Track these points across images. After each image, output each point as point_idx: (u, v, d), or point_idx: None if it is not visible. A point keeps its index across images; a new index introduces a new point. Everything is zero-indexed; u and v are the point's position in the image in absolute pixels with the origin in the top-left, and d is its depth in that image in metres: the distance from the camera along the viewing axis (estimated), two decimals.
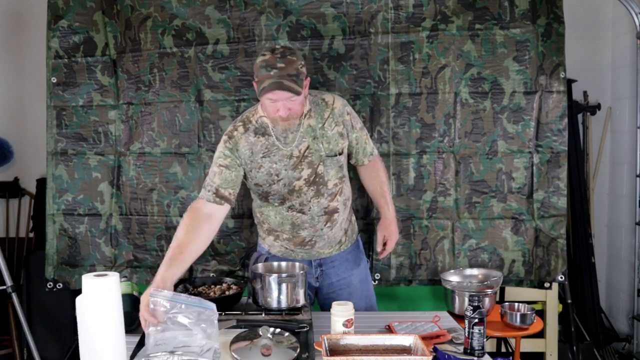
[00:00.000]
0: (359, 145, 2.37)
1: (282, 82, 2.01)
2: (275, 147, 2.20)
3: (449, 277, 2.68)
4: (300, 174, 2.21)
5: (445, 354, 1.81)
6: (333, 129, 2.24)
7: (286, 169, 2.21)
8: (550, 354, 3.42)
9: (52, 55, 2.87)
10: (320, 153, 2.22)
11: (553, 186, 2.77)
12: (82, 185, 2.90)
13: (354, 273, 2.45)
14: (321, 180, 2.24)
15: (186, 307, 1.80)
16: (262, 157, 2.20)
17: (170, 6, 2.80)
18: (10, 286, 3.03)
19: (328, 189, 2.26)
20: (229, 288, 2.33)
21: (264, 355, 1.74)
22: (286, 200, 2.26)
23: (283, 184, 2.22)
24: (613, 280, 4.10)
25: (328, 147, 2.23)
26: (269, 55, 2.06)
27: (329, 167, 2.25)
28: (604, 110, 4.09)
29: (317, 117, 2.23)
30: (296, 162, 2.21)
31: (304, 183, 2.23)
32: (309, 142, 2.21)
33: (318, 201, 2.26)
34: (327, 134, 2.23)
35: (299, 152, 2.21)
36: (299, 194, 2.24)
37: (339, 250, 2.43)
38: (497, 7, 2.74)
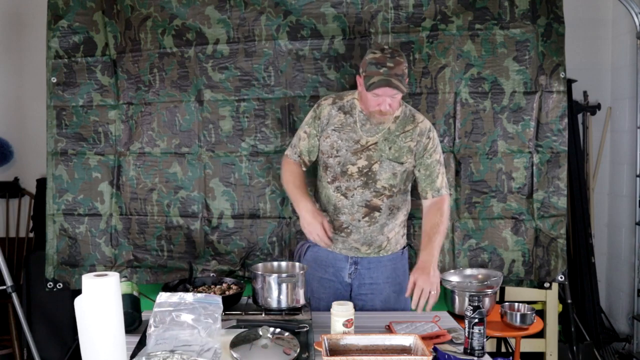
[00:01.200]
0: (427, 173, 2.37)
1: (391, 80, 2.15)
2: (350, 128, 2.34)
3: (449, 277, 2.68)
4: (357, 161, 2.34)
5: (445, 354, 1.81)
6: (407, 141, 2.34)
7: (347, 149, 2.34)
8: (550, 354, 3.42)
9: (52, 55, 2.87)
10: (382, 153, 2.33)
11: (553, 186, 2.77)
12: (82, 185, 2.90)
13: (389, 282, 2.44)
14: (372, 176, 2.34)
15: (191, 302, 1.80)
16: (333, 129, 2.36)
17: (170, 6, 2.80)
18: (10, 286, 3.03)
19: (376, 186, 2.35)
20: (229, 288, 2.33)
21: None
22: (336, 180, 2.37)
23: (338, 162, 2.35)
24: (613, 280, 4.10)
25: (392, 153, 2.33)
26: (379, 54, 2.20)
27: (384, 169, 2.34)
28: (604, 110, 4.09)
29: (400, 125, 2.35)
30: (358, 149, 2.33)
31: (356, 170, 2.34)
32: (378, 140, 2.33)
33: (362, 192, 2.34)
34: (399, 143, 2.34)
35: (365, 143, 2.33)
36: (348, 179, 2.35)
37: (378, 254, 2.43)
38: (497, 7, 2.74)
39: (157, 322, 1.77)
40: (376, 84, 2.16)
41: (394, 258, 2.47)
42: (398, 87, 2.16)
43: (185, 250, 2.89)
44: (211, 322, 1.77)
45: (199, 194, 2.87)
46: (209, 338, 1.74)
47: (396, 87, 2.16)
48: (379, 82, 2.15)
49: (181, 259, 2.89)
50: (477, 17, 2.75)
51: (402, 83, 2.18)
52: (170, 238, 2.89)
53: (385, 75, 2.15)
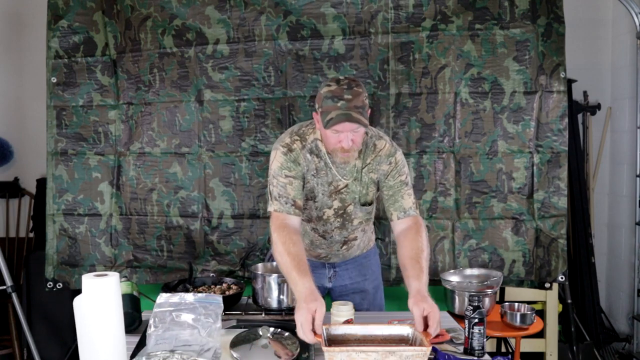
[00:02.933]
0: (390, 193, 2.14)
1: (351, 114, 1.93)
2: (323, 172, 2.15)
3: (449, 277, 2.68)
4: (332, 203, 2.19)
5: (445, 354, 1.81)
6: (369, 175, 2.17)
7: (323, 193, 2.18)
8: (550, 354, 3.41)
9: (52, 55, 2.87)
10: (354, 196, 2.18)
11: (553, 186, 2.77)
12: (82, 185, 2.90)
13: (367, 278, 2.44)
14: (347, 217, 2.23)
15: (192, 302, 1.80)
16: (312, 175, 2.15)
17: (170, 6, 2.80)
18: (10, 286, 3.03)
19: (353, 225, 2.26)
20: (229, 288, 2.34)
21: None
22: (311, 222, 2.24)
23: (316, 207, 2.20)
24: (613, 280, 4.10)
25: (362, 194, 2.19)
26: (334, 86, 1.98)
27: (358, 210, 2.22)
28: (604, 110, 4.09)
29: (363, 159, 2.16)
30: (332, 191, 2.18)
31: (332, 213, 2.21)
32: (348, 182, 2.17)
33: (340, 232, 2.26)
34: (365, 179, 2.17)
35: (337, 186, 2.17)
36: (325, 223, 2.22)
37: (352, 256, 2.43)
38: (497, 7, 2.74)
39: (157, 322, 1.77)
40: (334, 119, 1.93)
41: (368, 255, 2.47)
42: (359, 120, 1.94)
43: (185, 250, 2.89)
44: (211, 322, 1.77)
45: (199, 194, 2.87)
46: (209, 338, 1.74)
47: (357, 121, 1.94)
48: (337, 118, 1.93)
49: (181, 259, 2.89)
50: (477, 17, 2.75)
51: (363, 115, 1.95)
52: (170, 238, 2.89)
53: (343, 109, 1.93)
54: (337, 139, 2.00)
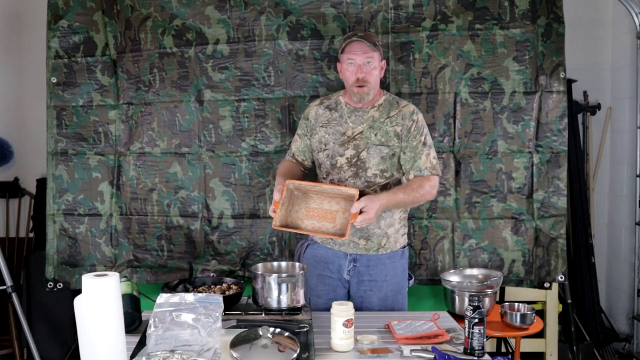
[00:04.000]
0: (411, 155, 2.37)
1: (362, 39, 2.32)
2: (336, 122, 2.43)
3: (449, 277, 2.68)
4: (345, 152, 2.39)
5: (445, 354, 1.81)
6: (392, 126, 2.39)
7: (334, 142, 2.40)
8: (550, 354, 3.42)
9: (52, 55, 2.87)
10: (368, 140, 2.37)
11: (553, 186, 2.77)
12: (82, 185, 2.90)
13: (387, 280, 2.43)
14: (362, 165, 2.37)
15: (192, 302, 1.80)
16: (320, 126, 2.44)
17: (170, 6, 2.81)
18: (10, 286, 3.03)
19: (367, 175, 2.37)
20: (229, 288, 2.34)
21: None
22: (329, 175, 2.42)
23: (327, 155, 2.41)
24: (613, 280, 4.10)
25: (378, 139, 2.38)
26: (351, 32, 2.48)
27: (372, 155, 2.37)
28: (604, 110, 4.09)
29: (384, 112, 2.41)
30: (345, 140, 2.39)
31: (345, 162, 2.39)
32: (363, 129, 2.39)
33: (354, 182, 2.37)
34: (385, 128, 2.39)
35: (352, 133, 2.39)
36: (339, 171, 2.39)
37: (377, 252, 2.43)
38: (497, 7, 2.74)
39: (157, 322, 1.77)
40: (349, 42, 2.33)
41: (393, 256, 2.46)
42: (368, 43, 2.31)
43: (185, 250, 2.89)
44: (211, 322, 1.77)
45: (199, 194, 2.87)
46: (209, 338, 1.74)
47: (368, 44, 2.31)
48: (352, 40, 2.33)
49: (181, 259, 2.89)
50: (477, 17, 2.75)
51: (375, 49, 2.33)
52: (170, 238, 2.89)
53: (355, 38, 2.33)
54: (354, 72, 2.32)
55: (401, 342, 1.97)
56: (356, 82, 2.32)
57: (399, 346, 1.94)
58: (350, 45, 2.33)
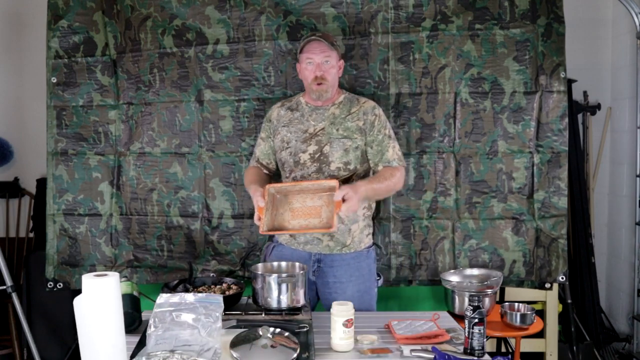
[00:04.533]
0: (378, 148, 2.44)
1: (318, 38, 2.39)
2: (297, 120, 2.48)
3: (449, 277, 2.68)
4: (307, 148, 2.43)
5: (445, 354, 1.81)
6: (354, 122, 2.45)
7: (296, 140, 2.45)
8: (550, 354, 3.42)
9: (52, 55, 2.87)
10: (330, 135, 2.43)
11: (553, 186, 2.77)
12: (82, 185, 2.90)
13: (352, 280, 2.44)
14: (324, 159, 2.41)
15: (192, 302, 1.80)
16: (282, 126, 2.50)
17: (170, 6, 2.81)
18: (10, 286, 3.03)
19: (330, 169, 2.40)
20: (229, 288, 2.33)
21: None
22: (292, 172, 2.45)
23: (290, 153, 2.45)
24: (613, 280, 4.10)
25: (340, 133, 2.43)
26: (310, 33, 2.53)
27: (335, 148, 2.41)
28: (604, 110, 4.09)
29: (344, 109, 2.47)
30: (307, 137, 2.44)
31: (308, 157, 2.43)
32: (325, 125, 2.44)
33: (317, 177, 2.41)
34: (346, 124, 2.44)
35: (313, 130, 2.44)
36: (302, 167, 2.43)
37: (341, 251, 2.43)
38: (497, 7, 2.74)
39: (157, 322, 1.77)
40: (307, 41, 2.38)
41: (358, 256, 2.46)
42: (325, 42, 2.37)
43: (185, 250, 2.89)
44: (211, 322, 1.77)
45: (199, 194, 2.87)
46: (209, 338, 1.74)
47: (326, 43, 2.37)
48: (311, 40, 2.38)
49: (181, 259, 2.89)
50: (477, 17, 2.75)
51: (332, 47, 2.39)
52: (170, 238, 2.89)
53: (313, 38, 2.39)
54: (312, 71, 2.39)
55: (401, 342, 1.97)
56: (315, 80, 2.39)
57: (399, 346, 1.94)
58: (309, 44, 2.39)
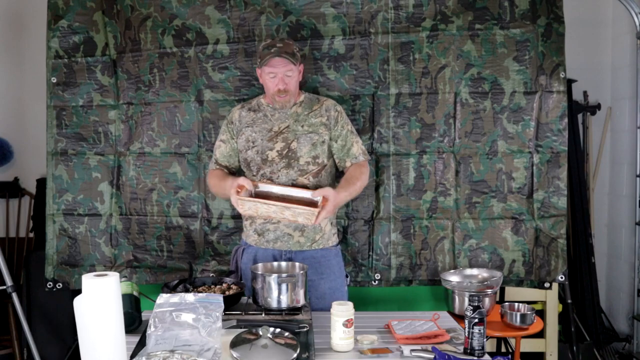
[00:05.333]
0: (342, 143, 2.49)
1: (281, 54, 2.36)
2: (260, 120, 2.49)
3: (449, 277, 2.68)
4: (274, 145, 2.44)
5: (445, 354, 1.81)
6: (317, 118, 2.49)
7: (262, 139, 2.46)
8: (550, 354, 3.42)
9: (52, 55, 2.87)
10: (296, 132, 2.45)
11: (553, 186, 2.77)
12: (82, 185, 2.90)
13: (324, 278, 2.45)
14: (293, 155, 2.43)
15: (192, 302, 1.81)
16: (246, 126, 2.50)
17: (170, 6, 2.81)
18: (10, 286, 3.03)
19: (299, 164, 2.43)
20: (229, 288, 2.33)
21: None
22: (260, 169, 2.45)
23: (256, 151, 2.45)
24: (613, 280, 4.10)
25: (305, 129, 2.46)
26: (269, 41, 2.47)
27: (303, 144, 2.44)
28: (604, 110, 4.09)
29: (306, 107, 2.51)
30: (272, 136, 2.45)
31: (276, 154, 2.44)
32: (289, 123, 2.47)
33: (287, 172, 2.42)
34: (310, 121, 2.48)
35: (278, 129, 2.46)
36: (271, 164, 2.43)
37: (311, 247, 2.45)
38: (497, 7, 2.74)
39: (157, 322, 1.77)
40: (268, 58, 2.36)
41: (327, 254, 2.48)
42: (287, 58, 2.36)
43: (185, 250, 2.89)
44: (211, 322, 1.77)
45: (198, 194, 2.87)
46: (209, 338, 1.74)
47: (285, 57, 2.36)
48: (270, 56, 2.36)
49: (181, 259, 2.89)
50: (477, 17, 2.75)
51: (293, 57, 2.38)
52: (170, 238, 2.89)
53: (276, 52, 2.37)
54: (274, 83, 2.41)
55: (401, 342, 1.97)
56: (277, 93, 2.41)
57: (399, 346, 1.94)
58: (271, 60, 2.37)
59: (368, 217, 2.83)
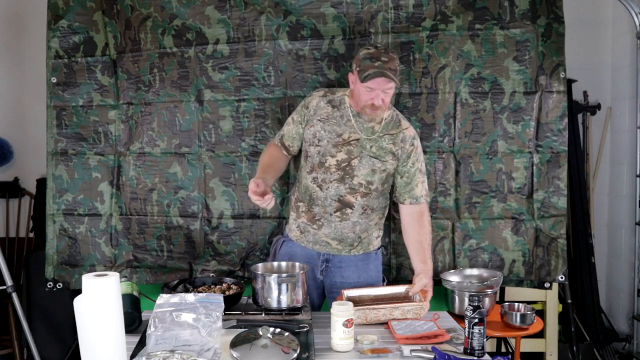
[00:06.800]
0: (407, 180, 2.43)
1: (386, 72, 2.23)
2: (335, 121, 2.40)
3: (449, 277, 2.68)
4: (337, 154, 2.37)
5: (445, 354, 1.81)
6: (389, 144, 2.40)
7: (329, 141, 2.38)
8: (550, 354, 3.42)
9: (52, 55, 2.87)
10: (363, 150, 2.37)
11: (553, 186, 2.77)
12: (82, 185, 2.90)
13: (360, 282, 2.45)
14: (350, 171, 2.37)
15: (192, 302, 1.81)
16: (318, 119, 2.41)
17: (170, 6, 2.80)
18: (10, 286, 3.03)
19: (352, 182, 2.37)
20: (229, 288, 2.34)
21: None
22: (314, 171, 2.41)
23: (318, 151, 2.39)
24: (613, 280, 4.10)
25: (373, 151, 2.38)
26: (373, 50, 2.29)
27: (364, 165, 2.37)
28: (604, 110, 4.09)
29: (385, 127, 2.41)
30: (339, 142, 2.38)
31: (334, 163, 2.37)
32: (360, 137, 2.38)
33: (337, 186, 2.37)
34: (381, 143, 2.39)
35: (348, 137, 2.38)
36: (325, 171, 2.38)
37: (349, 253, 2.44)
38: (497, 7, 2.74)
39: (157, 323, 1.77)
40: (371, 75, 2.22)
41: (366, 258, 2.48)
42: (393, 79, 2.24)
43: (185, 250, 2.89)
44: (211, 322, 1.77)
45: (199, 194, 2.87)
46: (209, 338, 1.74)
47: (391, 79, 2.24)
48: (374, 74, 2.22)
49: (181, 259, 2.89)
50: (477, 17, 2.75)
51: (395, 77, 2.26)
52: (170, 238, 2.89)
53: (379, 68, 2.22)
54: (370, 97, 2.27)
55: (401, 342, 1.97)
56: (371, 107, 2.30)
57: (399, 346, 1.94)
58: (374, 79, 2.23)
59: None
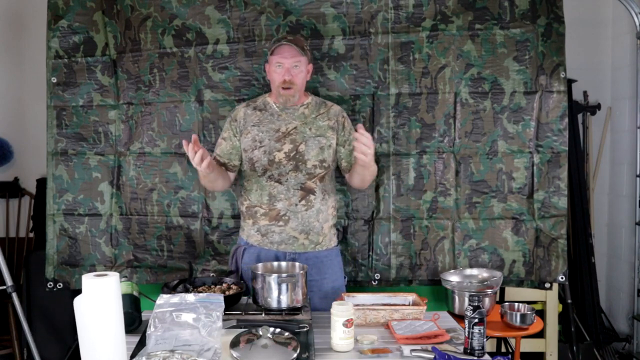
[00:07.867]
0: (350, 148, 2.48)
1: (290, 42, 2.40)
2: (267, 120, 2.49)
3: (449, 277, 2.68)
4: (282, 147, 2.44)
5: (445, 354, 1.81)
6: (324, 121, 2.51)
7: (270, 139, 2.45)
8: (550, 354, 3.42)
9: (52, 55, 2.87)
10: (304, 134, 2.46)
11: (553, 186, 2.77)
12: (82, 185, 2.90)
13: (326, 278, 2.48)
14: (301, 158, 2.44)
15: (192, 302, 1.81)
16: (252, 125, 2.49)
17: (170, 6, 2.80)
18: (10, 286, 3.03)
19: (307, 167, 2.44)
20: (229, 288, 2.33)
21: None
22: (267, 171, 2.45)
23: (264, 151, 2.45)
24: (613, 280, 4.10)
25: (313, 132, 2.47)
26: (282, 36, 2.56)
27: (311, 147, 2.45)
28: (604, 110, 4.09)
29: (313, 110, 2.52)
30: (280, 136, 2.45)
31: (284, 156, 2.44)
32: (297, 125, 2.47)
33: (295, 175, 2.43)
34: (318, 123, 2.50)
35: (286, 129, 2.46)
36: (278, 166, 2.44)
37: (315, 249, 2.46)
38: (497, 7, 2.74)
39: (157, 323, 1.77)
40: (277, 46, 2.41)
41: (330, 254, 2.51)
42: (297, 46, 2.39)
43: (185, 250, 2.89)
44: (211, 322, 1.77)
45: (199, 194, 2.87)
46: (209, 338, 1.74)
47: (295, 44, 2.39)
48: (282, 44, 2.40)
49: (181, 259, 2.89)
50: (477, 17, 2.75)
51: (304, 53, 2.42)
52: (170, 238, 2.89)
53: (285, 40, 2.42)
54: (281, 74, 2.41)
55: (401, 342, 1.97)
56: (282, 84, 2.41)
57: (399, 346, 1.94)
58: (280, 48, 2.40)
59: (368, 217, 2.83)
